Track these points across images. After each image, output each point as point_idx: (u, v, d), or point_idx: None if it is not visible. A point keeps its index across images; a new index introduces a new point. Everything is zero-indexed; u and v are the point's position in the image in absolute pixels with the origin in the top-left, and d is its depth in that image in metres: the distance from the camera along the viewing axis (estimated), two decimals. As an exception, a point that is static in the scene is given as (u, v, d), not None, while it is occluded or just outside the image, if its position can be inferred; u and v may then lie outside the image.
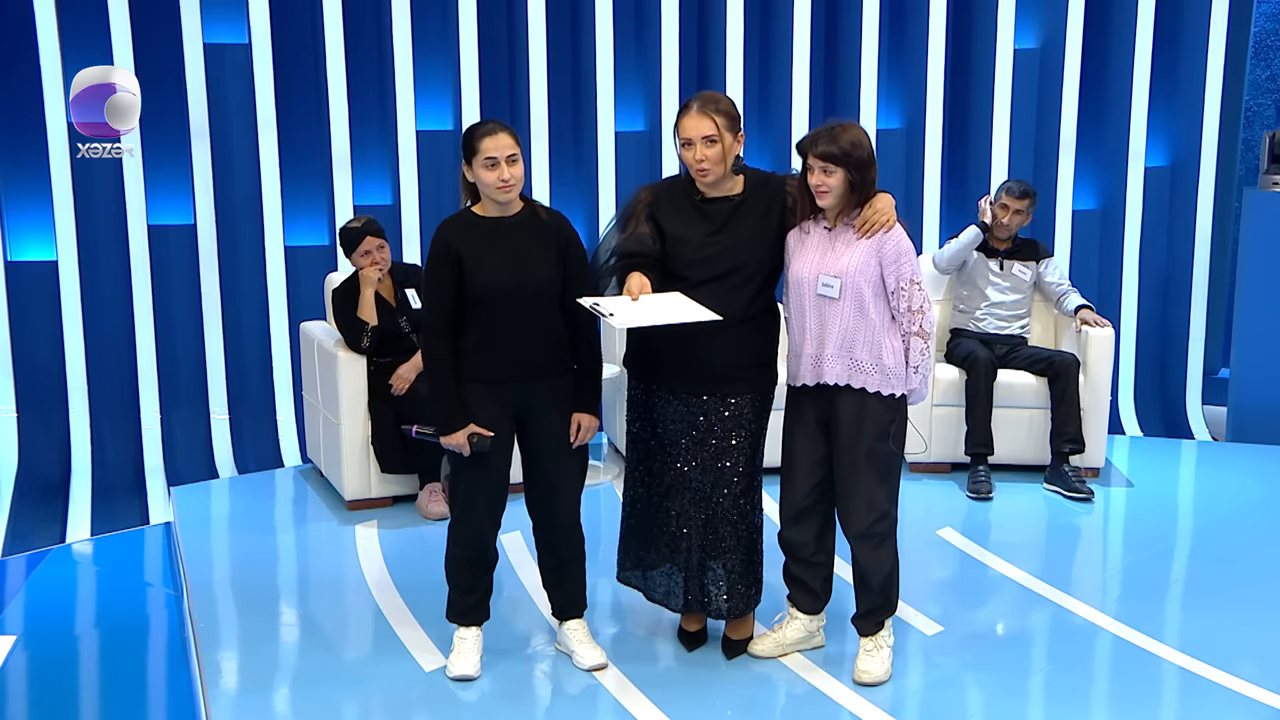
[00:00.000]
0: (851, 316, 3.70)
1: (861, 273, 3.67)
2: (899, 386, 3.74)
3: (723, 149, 3.68)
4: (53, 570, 4.95)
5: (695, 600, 3.95)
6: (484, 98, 6.46)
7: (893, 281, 3.69)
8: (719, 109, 3.69)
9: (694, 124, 3.68)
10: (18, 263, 6.20)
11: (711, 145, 3.67)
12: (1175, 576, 4.92)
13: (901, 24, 6.94)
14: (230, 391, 6.45)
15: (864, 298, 3.69)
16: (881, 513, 3.80)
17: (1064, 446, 5.66)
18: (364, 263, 5.36)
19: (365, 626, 4.37)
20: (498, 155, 3.62)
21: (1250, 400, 6.63)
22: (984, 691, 3.89)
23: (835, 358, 3.73)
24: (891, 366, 3.72)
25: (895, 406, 3.76)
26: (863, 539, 3.82)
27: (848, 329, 3.71)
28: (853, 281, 3.67)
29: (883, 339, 3.71)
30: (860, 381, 3.72)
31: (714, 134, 3.66)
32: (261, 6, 6.18)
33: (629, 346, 3.94)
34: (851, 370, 3.72)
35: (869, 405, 3.73)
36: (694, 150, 3.68)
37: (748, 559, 3.92)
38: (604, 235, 3.93)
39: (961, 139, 7.07)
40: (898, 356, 3.73)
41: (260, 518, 5.58)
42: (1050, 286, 6.01)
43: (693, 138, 3.68)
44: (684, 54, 6.70)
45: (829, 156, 3.62)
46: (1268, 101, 7.48)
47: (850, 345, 3.71)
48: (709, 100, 3.72)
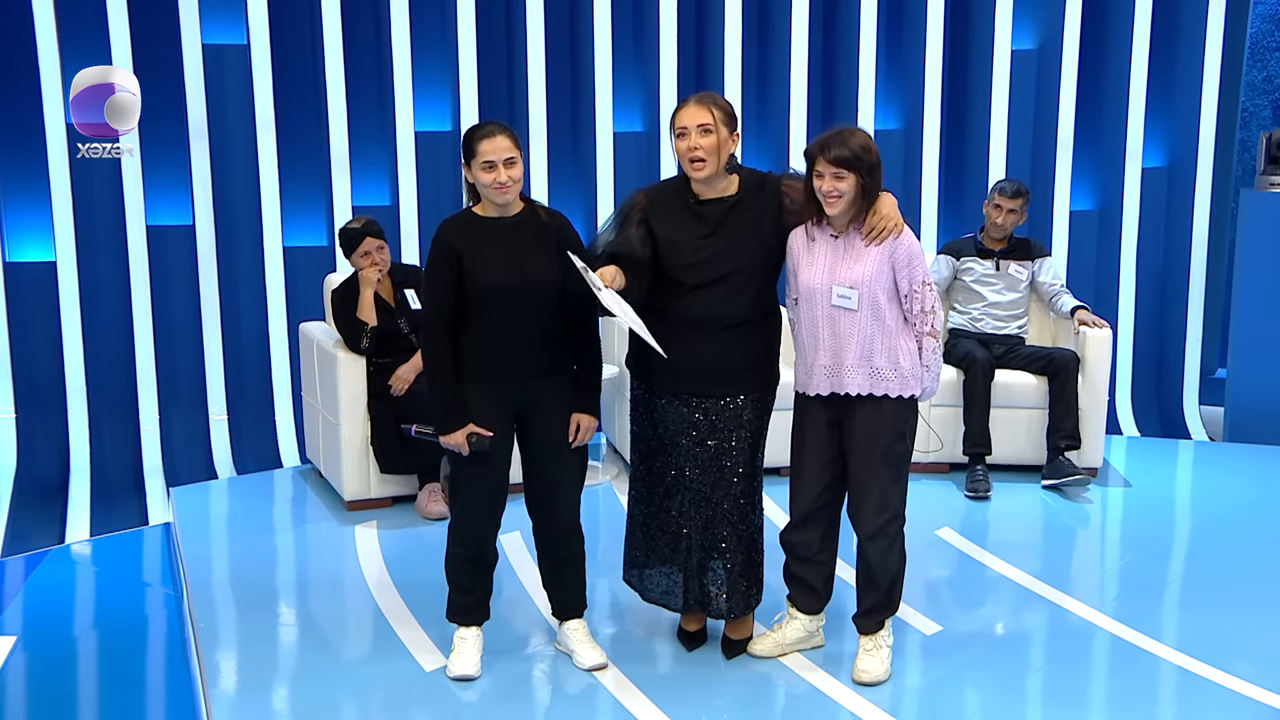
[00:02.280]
0: (869, 325, 3.69)
1: (876, 281, 3.66)
2: (914, 388, 3.75)
3: (717, 140, 3.66)
4: (52, 571, 4.95)
5: (695, 600, 3.95)
6: (482, 99, 6.47)
7: (906, 285, 3.68)
8: (716, 104, 3.71)
9: (690, 113, 3.68)
10: (17, 263, 6.21)
11: (706, 134, 3.65)
12: (1173, 576, 4.93)
13: (899, 25, 6.95)
14: (229, 392, 6.46)
15: (880, 305, 3.68)
16: (894, 513, 3.81)
17: (1061, 442, 5.68)
18: (363, 263, 5.37)
19: (365, 626, 4.37)
20: (495, 158, 3.63)
21: (1247, 400, 6.65)
22: (983, 691, 3.89)
23: (855, 368, 3.72)
24: (908, 369, 3.72)
25: (910, 406, 3.77)
26: (875, 539, 3.82)
27: (866, 338, 3.70)
28: (869, 291, 3.67)
29: (898, 343, 3.71)
30: (882, 389, 3.72)
31: (709, 123, 3.65)
32: (260, 7, 6.18)
33: (631, 347, 3.94)
34: (872, 379, 3.72)
35: (886, 407, 3.74)
36: (688, 139, 3.66)
37: (748, 559, 3.92)
38: (600, 231, 3.94)
39: (959, 140, 7.08)
40: (913, 358, 3.73)
41: (260, 518, 5.58)
42: (1043, 286, 6.02)
43: (688, 126, 3.66)
44: (682, 55, 6.71)
45: (843, 161, 3.57)
46: (1264, 103, 7.50)
47: (869, 354, 3.71)
48: (707, 95, 3.76)
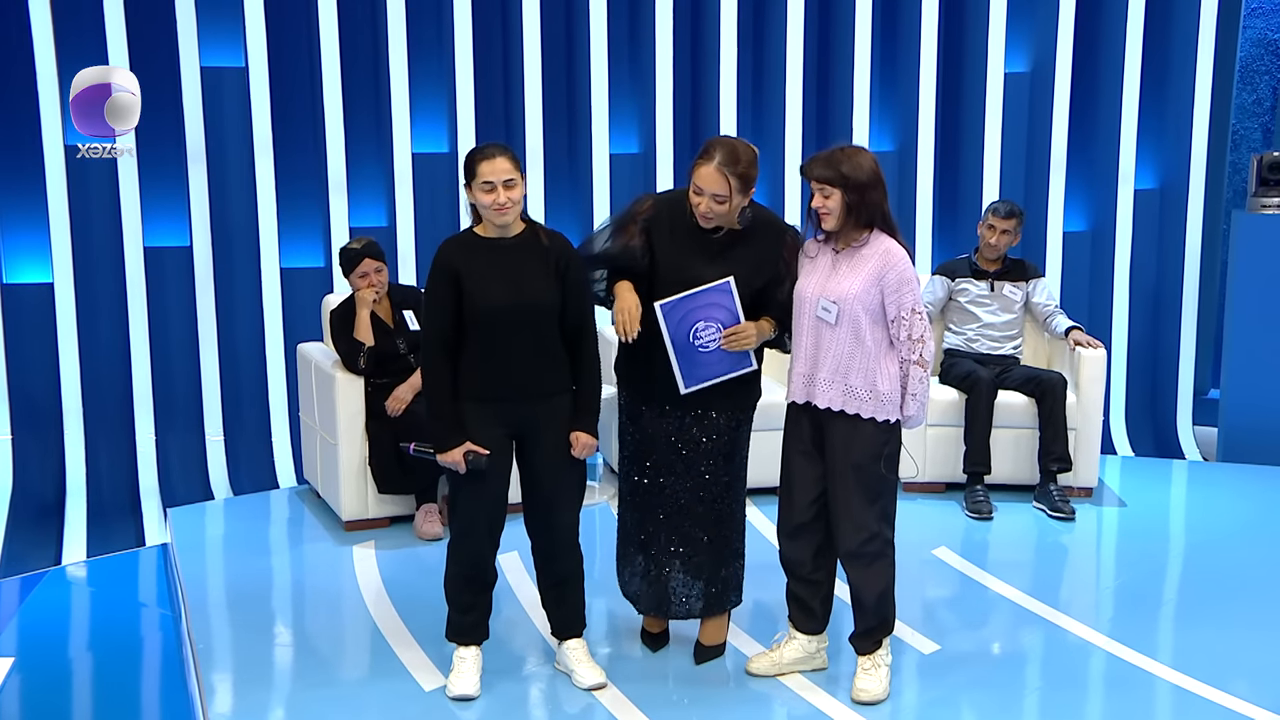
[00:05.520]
0: (847, 343, 3.72)
1: (860, 300, 3.69)
2: (893, 412, 3.75)
3: (729, 207, 3.75)
4: (49, 592, 4.94)
5: (660, 600, 4.04)
6: (479, 120, 6.50)
7: (893, 310, 3.70)
8: (735, 171, 3.70)
9: (708, 179, 3.71)
10: (13, 285, 6.21)
11: (720, 204, 3.73)
12: (1168, 595, 4.94)
13: (893, 47, 7.00)
14: (225, 413, 6.46)
15: (860, 325, 3.70)
16: (871, 533, 3.80)
17: (1051, 465, 5.69)
18: (361, 284, 5.38)
19: (364, 646, 4.37)
20: (494, 179, 3.67)
21: (1240, 420, 6.67)
22: (981, 710, 3.91)
23: (829, 383, 3.75)
24: (886, 393, 3.72)
25: (890, 431, 3.77)
26: (853, 558, 3.84)
27: (843, 355, 3.73)
28: (850, 309, 3.69)
29: (877, 365, 3.72)
30: (854, 408, 3.74)
31: (724, 195, 3.71)
32: (258, 30, 6.21)
33: (619, 356, 4.02)
34: (846, 396, 3.74)
35: (861, 429, 3.75)
36: (703, 201, 3.75)
37: (718, 562, 4.00)
38: (600, 226, 4.00)
39: (953, 161, 7.12)
40: (893, 383, 3.73)
41: (258, 539, 5.58)
42: (1037, 307, 6.04)
43: (704, 190, 3.73)
44: (678, 76, 6.75)
45: (824, 179, 3.68)
46: (1254, 125, 7.56)
47: (845, 371, 3.73)
48: (729, 159, 3.70)
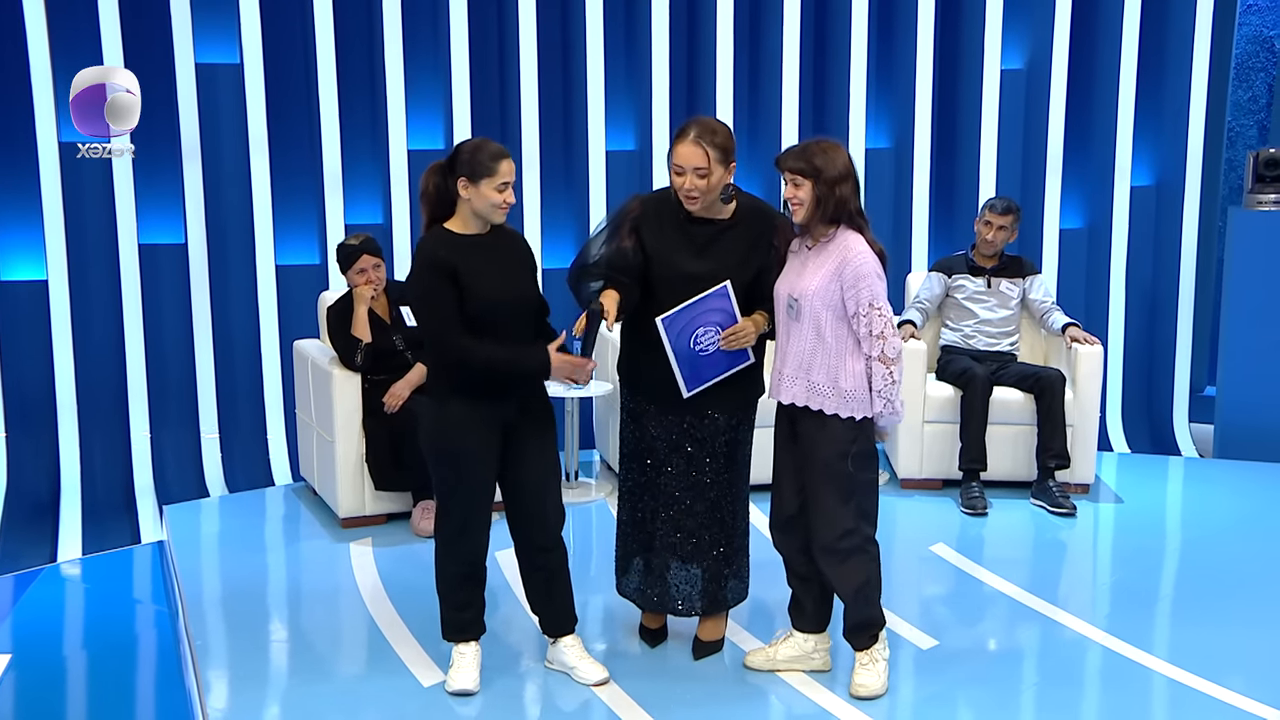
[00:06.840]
0: (809, 339, 3.72)
1: (820, 296, 3.68)
2: (859, 410, 3.72)
3: (711, 182, 3.75)
4: (44, 590, 4.94)
5: (661, 598, 4.04)
6: (475, 117, 6.49)
7: (852, 305, 3.67)
8: (713, 141, 3.72)
9: (687, 154, 3.72)
10: (8, 282, 6.20)
11: (702, 177, 3.73)
12: (1165, 591, 4.95)
13: (890, 44, 7.00)
14: (221, 410, 6.45)
15: (821, 321, 3.69)
16: (845, 530, 3.78)
17: (1050, 462, 5.69)
18: (359, 280, 5.38)
19: (361, 643, 4.36)
20: (511, 179, 3.70)
21: (1236, 417, 6.68)
22: (978, 705, 3.91)
23: (793, 379, 3.75)
24: (850, 390, 3.70)
25: (857, 429, 3.74)
26: (826, 553, 3.82)
27: (804, 351, 3.73)
28: (811, 304, 3.69)
29: (840, 363, 3.70)
30: (818, 404, 3.73)
31: (705, 167, 3.72)
32: (253, 26, 6.20)
33: (621, 355, 4.05)
34: (809, 393, 3.74)
35: (829, 426, 3.74)
36: (685, 179, 3.75)
37: (720, 561, 4.00)
38: (593, 234, 4.00)
39: (949, 159, 7.13)
40: (858, 380, 3.70)
41: (254, 536, 5.57)
42: (1034, 304, 6.05)
43: (684, 167, 3.74)
44: (674, 73, 6.75)
45: (795, 170, 3.68)
46: (1250, 122, 7.57)
47: (807, 367, 3.73)
48: (705, 131, 3.75)
